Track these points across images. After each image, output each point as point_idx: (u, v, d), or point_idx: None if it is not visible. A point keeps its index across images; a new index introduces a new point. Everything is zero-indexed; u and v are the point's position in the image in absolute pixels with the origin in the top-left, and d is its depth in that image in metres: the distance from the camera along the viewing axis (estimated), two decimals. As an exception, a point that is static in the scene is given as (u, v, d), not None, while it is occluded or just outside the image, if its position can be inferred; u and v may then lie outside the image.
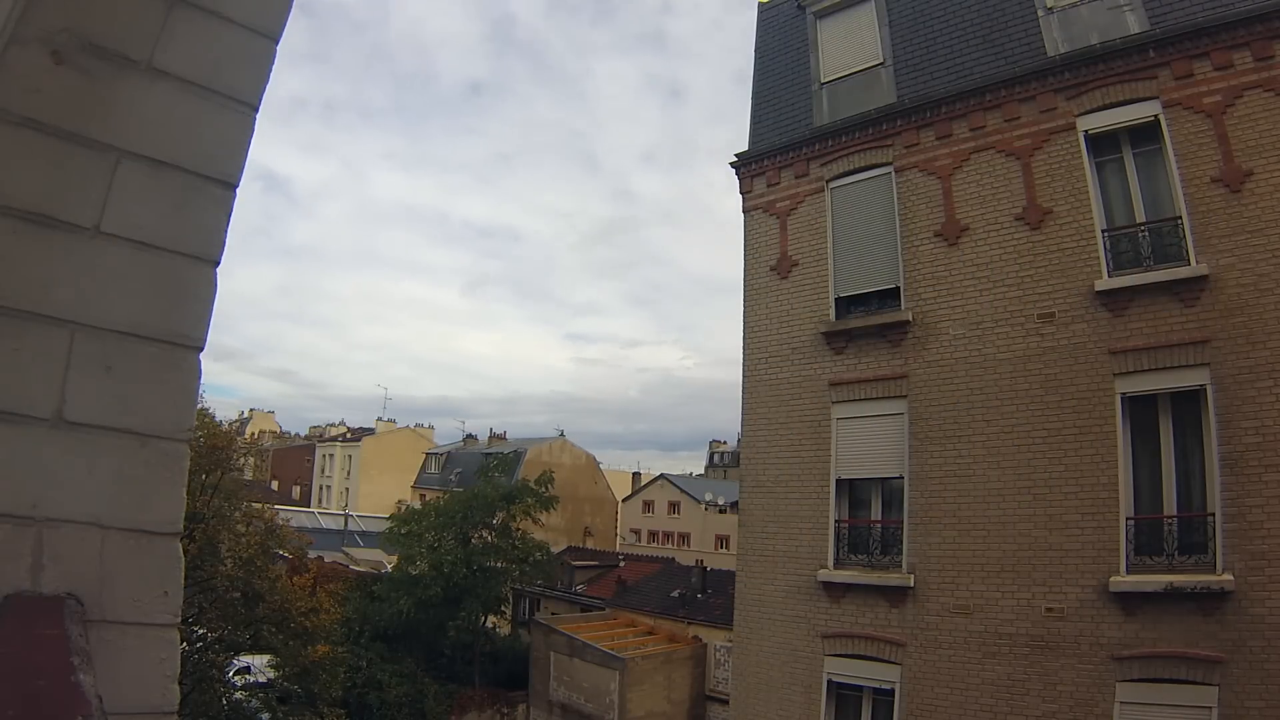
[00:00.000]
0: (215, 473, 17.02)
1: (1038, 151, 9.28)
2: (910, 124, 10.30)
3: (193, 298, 1.26)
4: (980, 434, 9.03)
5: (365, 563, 32.58)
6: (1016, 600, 8.47)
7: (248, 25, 1.34)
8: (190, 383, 1.25)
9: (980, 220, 9.56)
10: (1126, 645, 7.77)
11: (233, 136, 1.32)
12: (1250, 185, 7.94)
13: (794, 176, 11.32)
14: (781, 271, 11.16)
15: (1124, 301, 8.43)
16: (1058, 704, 8.03)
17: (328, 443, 63.04)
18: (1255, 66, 8.09)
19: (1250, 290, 7.79)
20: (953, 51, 10.47)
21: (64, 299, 1.14)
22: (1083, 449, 8.38)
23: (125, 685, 1.12)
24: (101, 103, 1.19)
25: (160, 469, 1.20)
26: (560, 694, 20.75)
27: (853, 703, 9.66)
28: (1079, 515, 8.26)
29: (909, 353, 9.79)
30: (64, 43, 1.16)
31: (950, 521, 9.04)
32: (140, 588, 1.16)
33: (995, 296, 9.26)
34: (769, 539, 10.56)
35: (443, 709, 20.93)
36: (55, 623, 1.00)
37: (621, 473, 57.83)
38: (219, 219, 1.30)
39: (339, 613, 18.71)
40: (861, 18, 11.52)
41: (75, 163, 1.16)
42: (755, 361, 11.24)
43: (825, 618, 9.80)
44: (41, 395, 1.11)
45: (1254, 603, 7.26)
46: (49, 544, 1.09)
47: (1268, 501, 7.36)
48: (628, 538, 48.14)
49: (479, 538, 23.82)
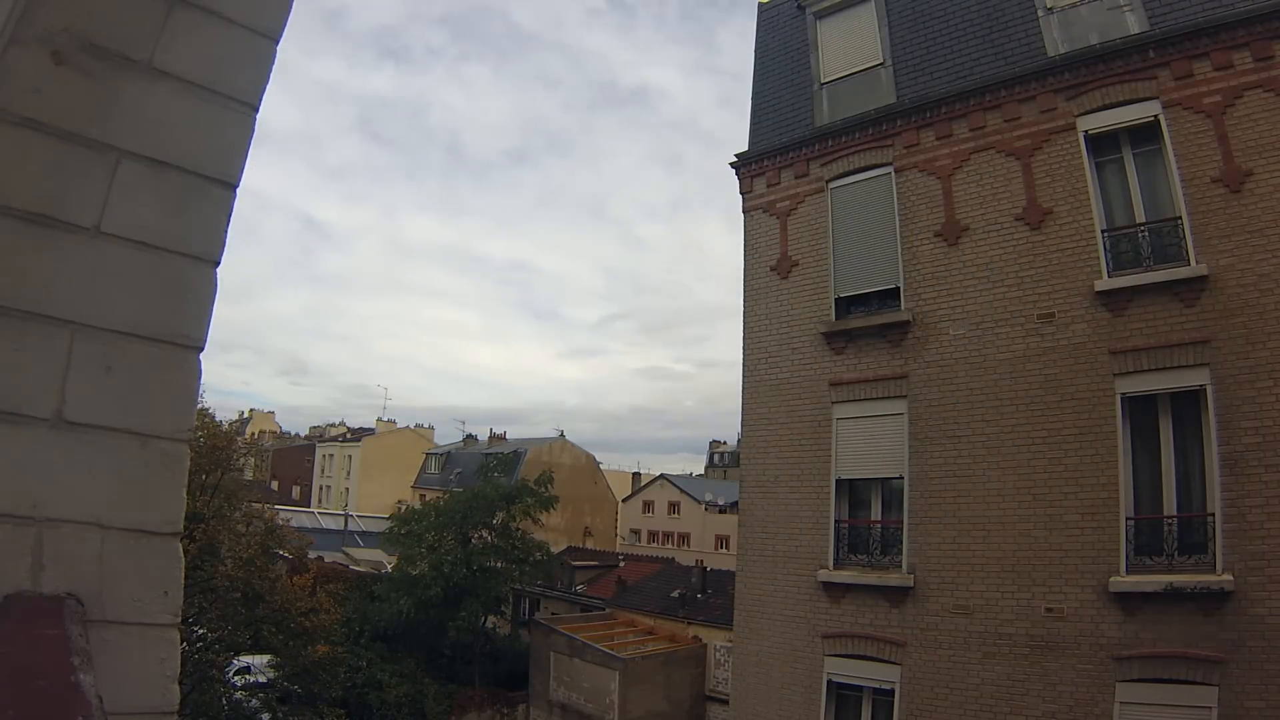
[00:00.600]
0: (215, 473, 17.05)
1: (1038, 152, 9.28)
2: (910, 124, 10.30)
3: (193, 298, 1.26)
4: (980, 434, 9.03)
5: (365, 563, 32.58)
6: (1016, 600, 8.47)
7: (248, 25, 1.34)
8: (190, 383, 1.25)
9: (980, 220, 9.56)
10: (1126, 645, 7.78)
11: (233, 136, 1.32)
12: (1250, 185, 7.94)
13: (794, 177, 11.33)
14: (782, 272, 11.16)
15: (1124, 301, 8.43)
16: (1058, 704, 8.03)
17: (328, 443, 63.02)
18: (1255, 67, 8.09)
19: (1250, 290, 7.79)
20: (953, 52, 10.47)
21: (64, 299, 1.14)
22: (1083, 449, 8.38)
23: (125, 685, 1.12)
24: (101, 103, 1.19)
25: (160, 469, 1.20)
26: (560, 694, 20.75)
27: (853, 703, 9.66)
28: (1079, 515, 8.26)
29: (909, 353, 9.79)
30: (64, 43, 1.16)
31: (950, 521, 9.05)
32: (140, 588, 1.16)
33: (995, 297, 9.26)
34: (769, 539, 10.57)
35: (442, 709, 20.91)
36: (55, 623, 1.00)
37: (621, 473, 57.82)
38: (219, 219, 1.30)
39: (339, 613, 18.72)
40: (861, 18, 11.53)
41: (75, 163, 1.16)
42: (755, 362, 11.24)
43: (825, 618, 9.81)
44: (41, 395, 1.11)
45: (1254, 603, 7.27)
46: (49, 544, 1.08)
47: (1268, 502, 7.36)
48: (628, 538, 48.18)
49: (479, 538, 23.79)
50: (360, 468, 55.66)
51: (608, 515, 48.21)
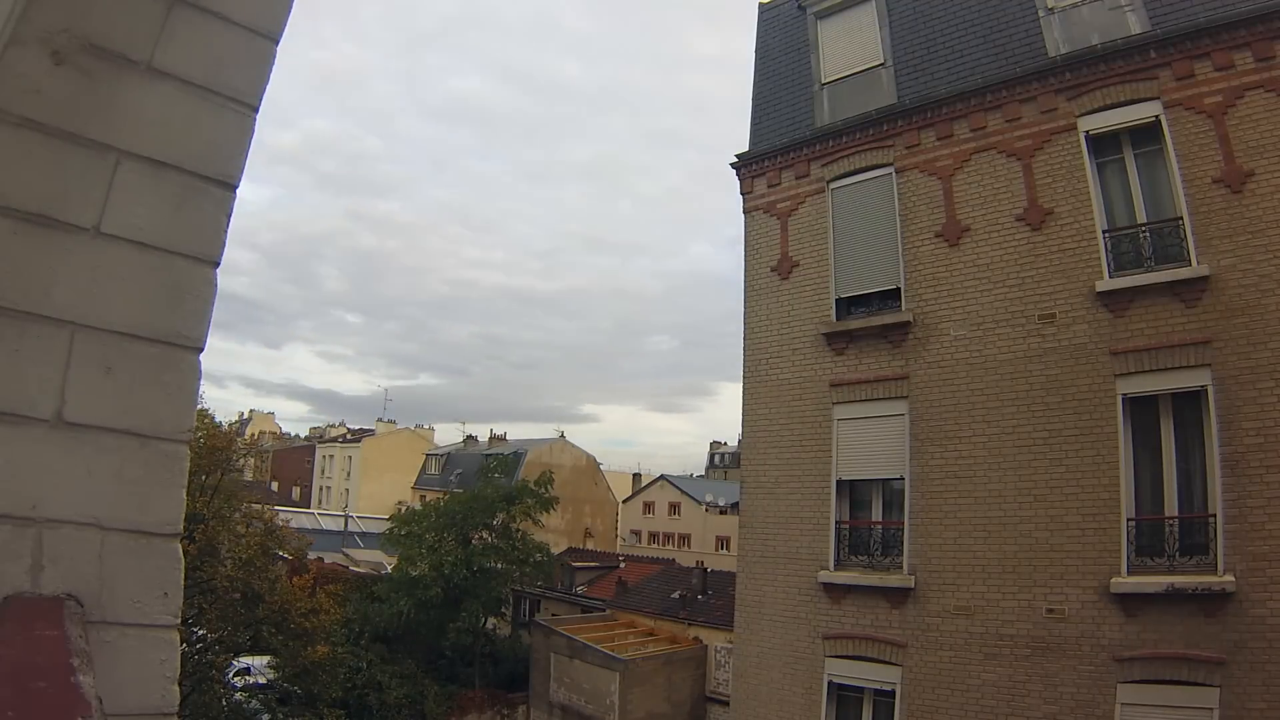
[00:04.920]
0: (215, 473, 17.06)
1: (1039, 152, 9.27)
2: (911, 124, 10.30)
3: (193, 298, 1.26)
4: (981, 435, 9.02)
5: (365, 564, 32.56)
6: (1017, 601, 8.46)
7: (248, 25, 1.34)
8: (190, 383, 1.25)
9: (981, 221, 9.55)
10: (1127, 646, 7.76)
11: (233, 137, 1.32)
12: (1251, 185, 7.93)
13: (795, 177, 11.32)
14: (782, 272, 11.16)
15: (1125, 302, 8.42)
16: (1059, 705, 8.02)
17: (328, 444, 62.98)
18: (1256, 67, 8.08)
19: (1251, 291, 7.78)
20: (953, 52, 10.47)
21: (64, 299, 1.13)
22: (1084, 450, 8.37)
23: (125, 686, 1.11)
24: (101, 103, 1.19)
25: (160, 470, 1.20)
26: (560, 695, 20.73)
27: (853, 704, 9.65)
28: (1080, 516, 8.25)
29: (910, 353, 9.78)
30: (64, 43, 1.16)
31: (951, 523, 9.04)
32: (140, 589, 1.16)
33: (996, 297, 9.25)
34: (770, 540, 10.56)
35: (443, 710, 20.91)
36: (55, 624, 1.00)
37: (622, 474, 57.73)
38: (219, 219, 1.30)
39: (339, 614, 18.73)
40: (862, 18, 11.52)
41: (75, 163, 1.16)
42: (756, 362, 11.24)
43: (826, 619, 9.80)
44: (41, 395, 1.11)
45: (1255, 604, 7.25)
46: (49, 545, 1.08)
47: (1269, 502, 7.35)
48: (628, 539, 48.11)
49: (479, 539, 23.80)
50: (360, 468, 55.65)
51: (608, 516, 48.19)
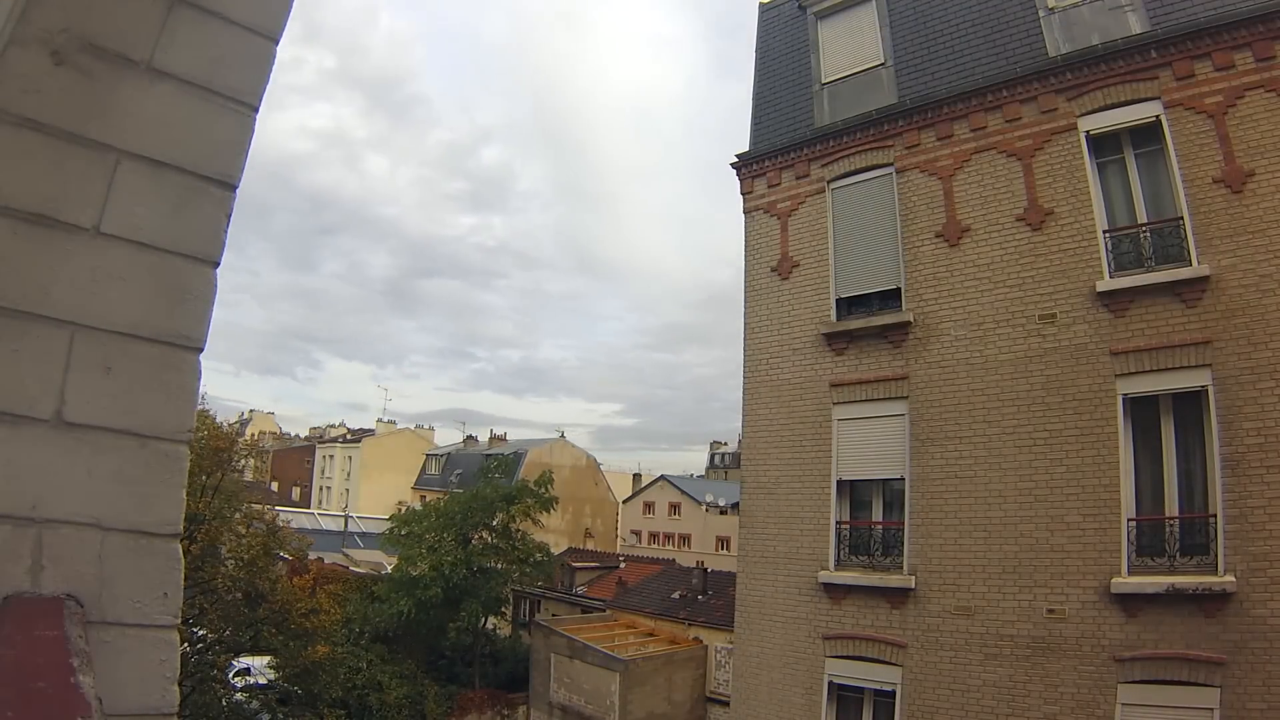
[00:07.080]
0: (216, 474, 17.04)
1: (1039, 152, 9.27)
2: (911, 124, 10.30)
3: (193, 298, 1.25)
4: (981, 435, 9.02)
5: (365, 564, 32.52)
6: (1018, 602, 8.46)
7: (248, 25, 1.34)
8: (190, 383, 1.25)
9: (981, 221, 9.55)
10: (1128, 647, 7.76)
11: (233, 137, 1.32)
12: (1252, 186, 7.93)
13: (795, 177, 11.32)
14: (782, 272, 11.16)
15: (1125, 302, 8.42)
16: (1059, 706, 8.02)
17: (328, 444, 62.92)
18: (1257, 67, 8.08)
19: (1252, 291, 7.78)
20: (954, 52, 10.47)
21: (64, 299, 1.13)
22: (1084, 450, 8.37)
23: (125, 687, 1.11)
24: (101, 103, 1.19)
25: (160, 470, 1.20)
26: (561, 695, 20.72)
27: (853, 704, 9.65)
28: (1080, 516, 8.25)
29: (910, 354, 9.78)
30: (64, 43, 1.16)
31: (951, 523, 9.03)
32: (140, 589, 1.16)
33: (996, 297, 9.25)
34: (770, 540, 10.56)
35: (443, 710, 20.91)
36: (55, 624, 1.00)
37: (622, 474, 57.72)
38: (219, 219, 1.30)
39: (339, 614, 18.72)
40: (862, 18, 11.53)
41: (75, 163, 1.16)
42: (756, 362, 11.24)
43: (826, 619, 9.79)
44: (41, 396, 1.10)
45: (1255, 604, 7.25)
46: (49, 545, 1.08)
47: (1269, 502, 7.35)
48: (628, 539, 48.06)
49: (479, 539, 23.79)
50: (360, 469, 55.63)
51: (608, 516, 48.19)
